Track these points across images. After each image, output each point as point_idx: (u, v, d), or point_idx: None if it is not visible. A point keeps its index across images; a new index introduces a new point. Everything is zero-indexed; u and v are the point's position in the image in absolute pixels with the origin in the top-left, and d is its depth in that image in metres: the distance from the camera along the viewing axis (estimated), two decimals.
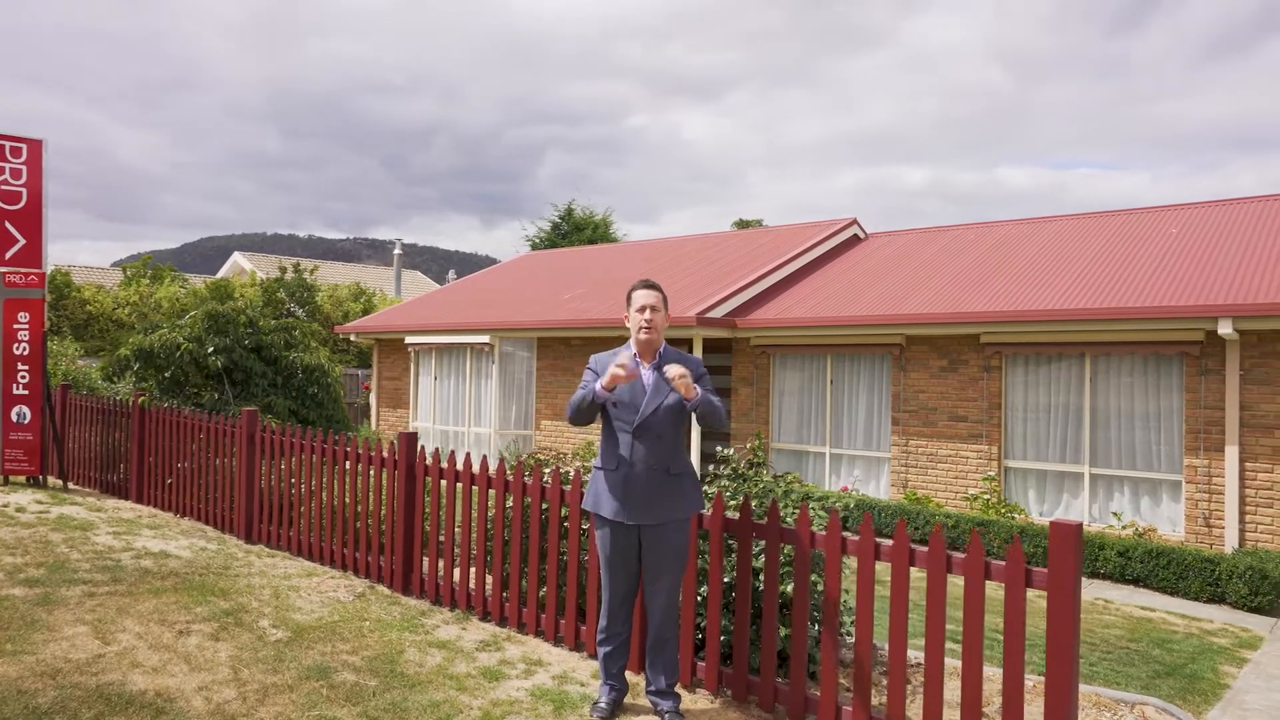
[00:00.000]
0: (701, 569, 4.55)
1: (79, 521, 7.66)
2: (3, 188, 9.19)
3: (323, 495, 6.64)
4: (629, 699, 4.22)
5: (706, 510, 4.48)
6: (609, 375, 3.90)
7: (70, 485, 9.64)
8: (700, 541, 4.55)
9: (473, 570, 5.65)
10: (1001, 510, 10.26)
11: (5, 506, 8.09)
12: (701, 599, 4.55)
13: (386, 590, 5.89)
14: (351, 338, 16.99)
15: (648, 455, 4.00)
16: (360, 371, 19.03)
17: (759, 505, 5.00)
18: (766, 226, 17.16)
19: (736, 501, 4.92)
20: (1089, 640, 6.52)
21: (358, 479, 6.30)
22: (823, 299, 12.50)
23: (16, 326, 9.25)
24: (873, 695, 4.18)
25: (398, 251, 28.29)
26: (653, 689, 4.11)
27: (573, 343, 14.03)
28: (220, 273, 29.01)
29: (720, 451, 5.71)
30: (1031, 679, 4.67)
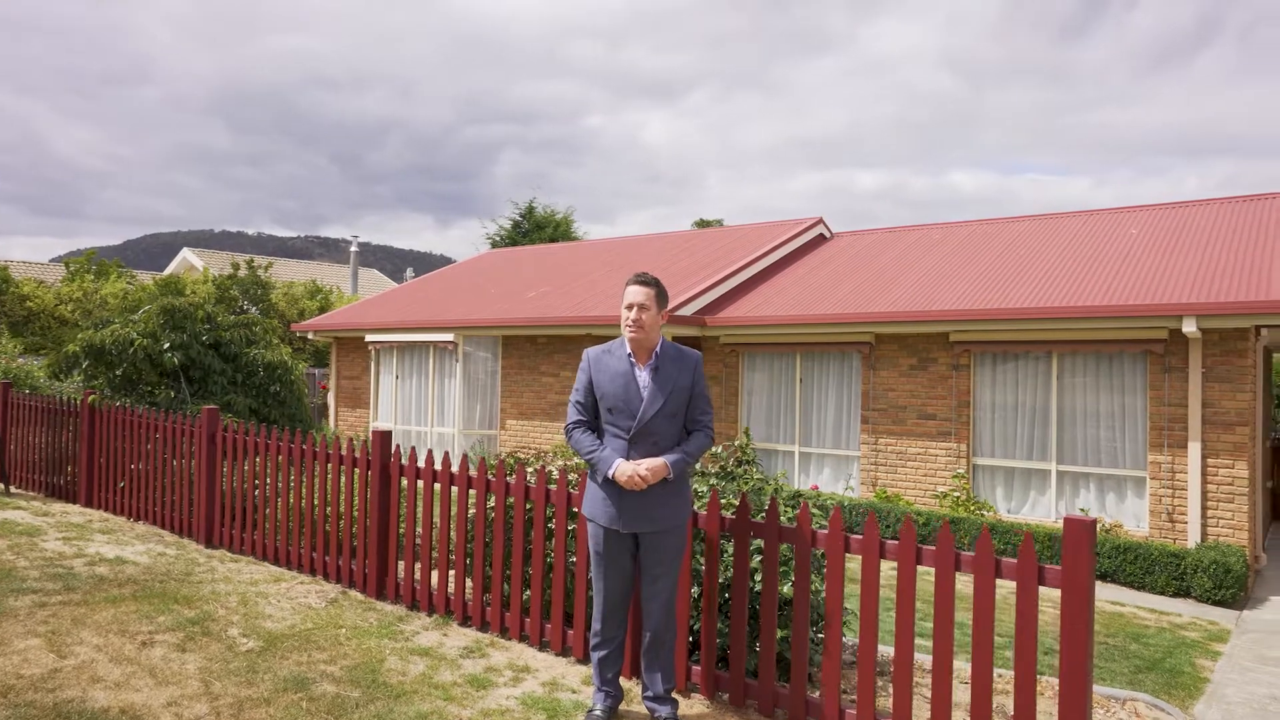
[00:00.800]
0: (695, 570, 4.42)
1: (24, 527, 7.27)
2: None
3: (290, 497, 6.37)
4: (624, 705, 4.08)
5: (701, 510, 4.35)
6: (627, 478, 3.76)
7: (12, 489, 9.17)
8: (695, 541, 4.43)
9: (451, 573, 5.46)
10: (971, 508, 10.33)
11: None
12: (696, 600, 4.42)
13: (360, 595, 5.66)
14: (309, 336, 16.55)
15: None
16: (317, 371, 18.56)
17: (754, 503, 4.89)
18: (733, 225, 17.13)
19: (725, 500, 4.80)
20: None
21: (328, 480, 6.06)
22: (792, 297, 12.49)
23: None
24: (877, 699, 4.10)
25: (354, 249, 27.71)
26: (649, 694, 3.97)
27: (539, 341, 13.81)
28: (168, 270, 28.13)
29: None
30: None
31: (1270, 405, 12.81)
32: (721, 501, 4.59)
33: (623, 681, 4.28)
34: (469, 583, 5.54)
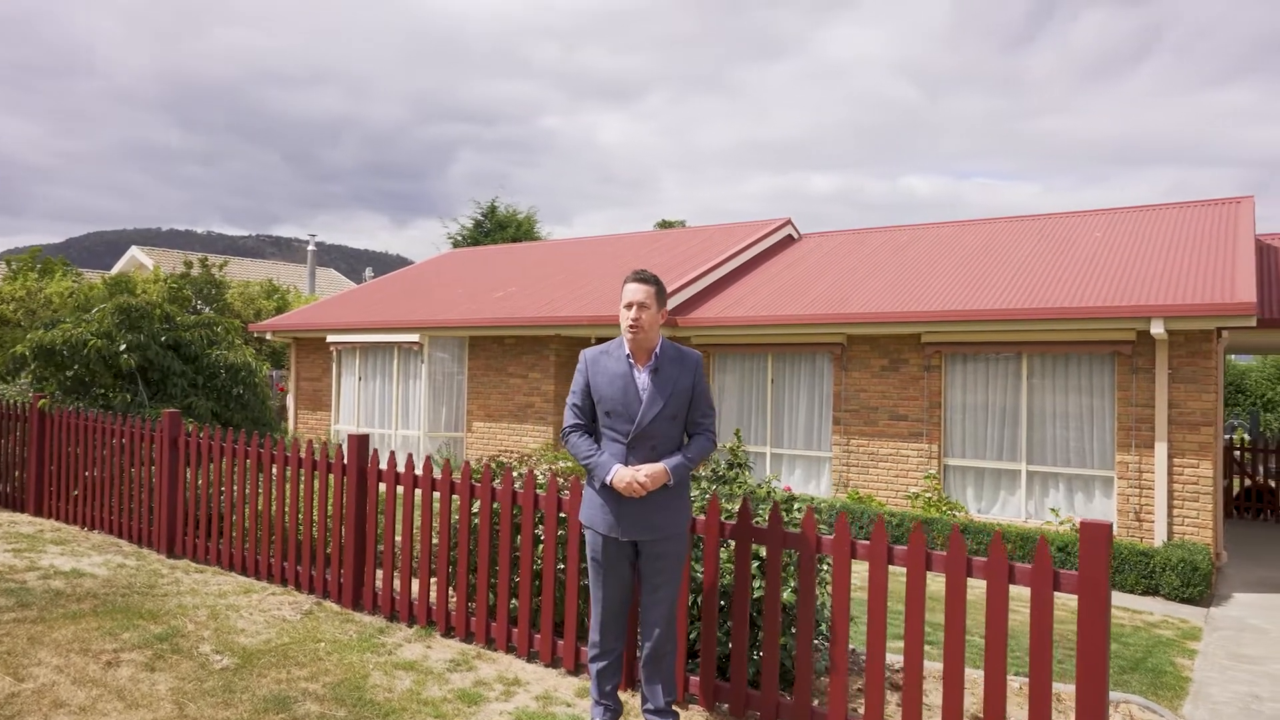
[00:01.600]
0: (693, 576, 4.30)
1: None
2: None
3: (259, 504, 6.11)
4: (623, 719, 3.94)
5: (699, 515, 4.24)
6: (624, 485, 3.64)
7: None
8: (693, 548, 4.31)
9: (433, 582, 5.27)
10: (942, 508, 10.37)
11: None
12: (694, 608, 4.30)
13: (336, 606, 5.44)
14: (267, 336, 16.09)
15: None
16: (275, 372, 18.07)
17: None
18: (702, 226, 17.07)
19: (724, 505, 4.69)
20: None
21: (300, 486, 5.82)
22: (763, 298, 12.45)
23: None
24: (886, 710, 4.02)
25: (312, 248, 27.09)
26: (649, 707, 3.84)
27: (506, 341, 13.60)
28: (116, 268, 27.22)
29: None
30: (1018, 681, 4.61)
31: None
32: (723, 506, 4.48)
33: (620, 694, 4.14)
34: (451, 592, 5.35)
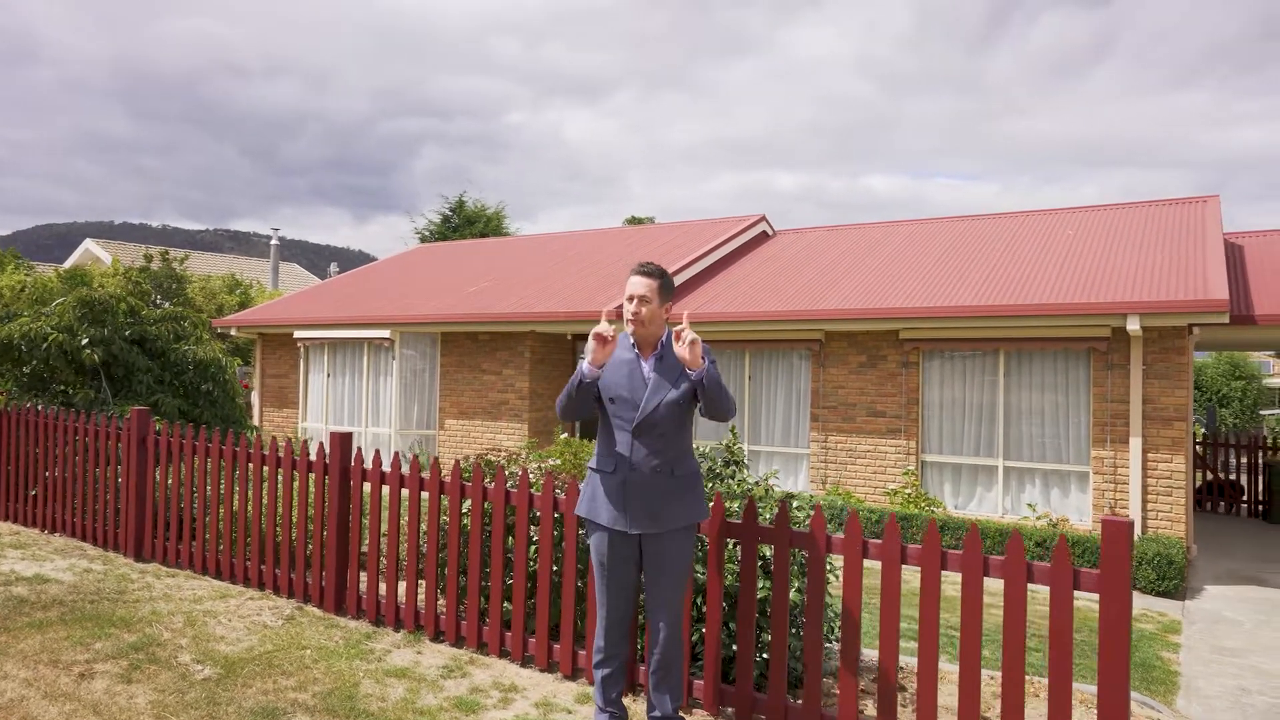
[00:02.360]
0: (696, 579, 4.19)
1: None
2: None
3: (234, 505, 5.88)
4: None
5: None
6: (590, 347, 3.56)
7: None
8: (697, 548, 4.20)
9: (421, 585, 5.10)
10: (921, 504, 10.40)
11: None
12: (695, 609, 4.20)
13: (318, 611, 5.24)
14: (231, 332, 15.68)
15: (650, 456, 3.60)
16: (241, 369, 17.63)
17: (738, 506, 4.69)
18: (676, 222, 16.97)
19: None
20: (1038, 632, 6.57)
21: (279, 486, 5.60)
22: (740, 294, 12.39)
23: None
24: (900, 713, 3.95)
25: (275, 243, 26.50)
26: (656, 715, 3.72)
27: (480, 338, 13.38)
28: (69, 261, 26.39)
29: (695, 448, 5.37)
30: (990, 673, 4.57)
31: None
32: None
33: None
34: (441, 595, 5.18)
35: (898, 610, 3.55)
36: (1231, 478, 14.14)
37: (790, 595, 4.06)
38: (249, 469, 5.81)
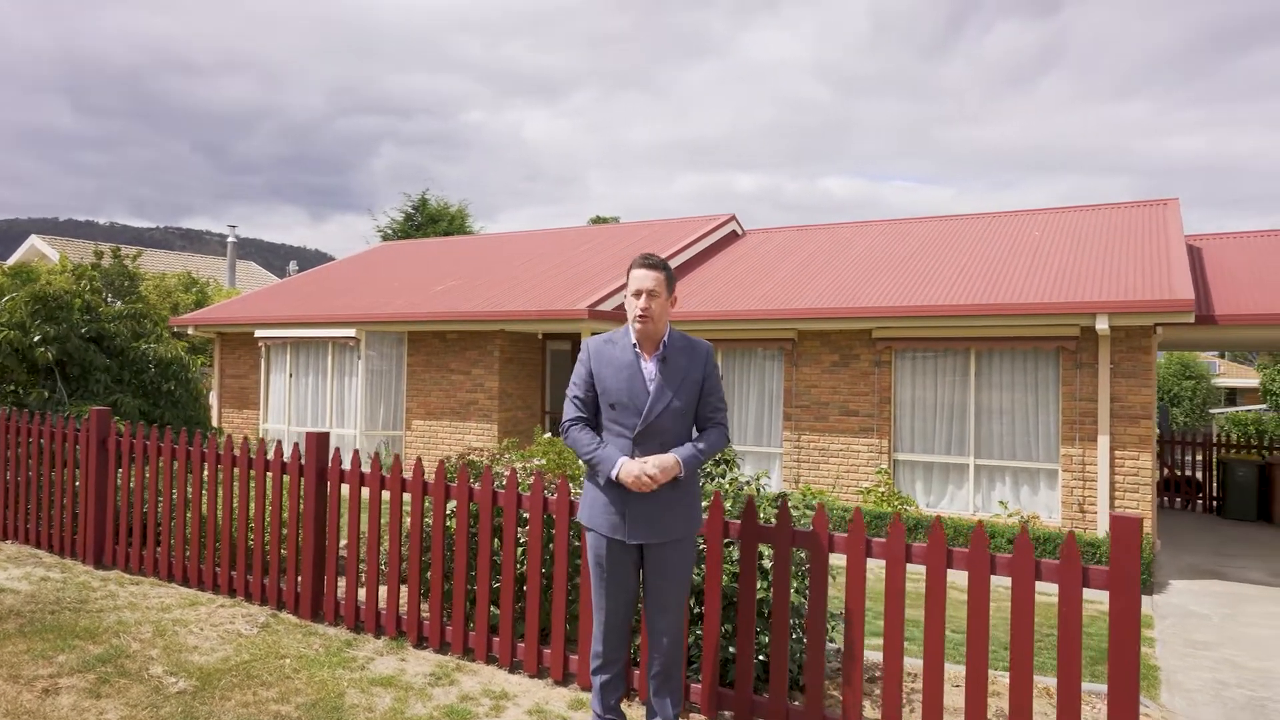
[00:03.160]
0: (694, 581, 4.10)
1: None
2: None
3: (203, 508, 5.65)
4: None
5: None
6: (634, 479, 3.35)
7: None
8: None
9: (404, 589, 4.94)
10: (893, 502, 10.45)
11: None
12: (691, 612, 4.11)
13: (294, 618, 5.05)
14: (189, 330, 15.22)
15: None
16: (201, 367, 17.12)
17: (733, 506, 4.62)
18: (646, 220, 16.89)
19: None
20: (1003, 627, 6.61)
21: (250, 488, 5.40)
22: (713, 293, 12.35)
23: None
24: (905, 716, 3.89)
25: (232, 240, 25.84)
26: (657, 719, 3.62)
27: (448, 337, 13.16)
28: (13, 258, 25.45)
29: None
30: (994, 674, 4.55)
31: None
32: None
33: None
34: (424, 600, 5.03)
35: (902, 610, 3.50)
36: (1187, 474, 14.47)
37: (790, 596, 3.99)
38: (219, 471, 5.59)
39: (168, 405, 8.26)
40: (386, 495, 9.69)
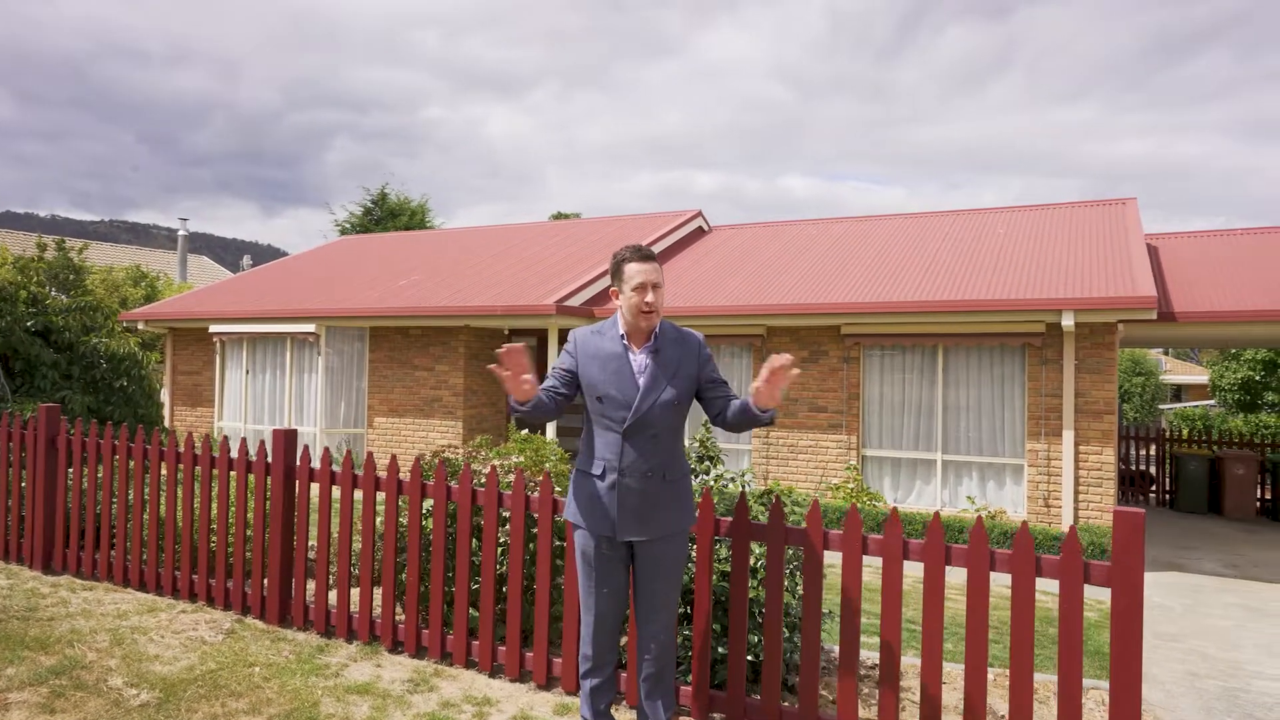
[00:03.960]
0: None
1: None
2: None
3: (161, 510, 5.40)
4: None
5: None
6: (509, 383, 3.13)
7: None
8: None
9: (378, 592, 4.76)
10: (863, 498, 10.47)
11: None
12: (685, 611, 4.00)
13: (261, 624, 4.84)
14: (139, 325, 14.70)
15: (641, 459, 3.34)
16: (155, 364, 16.57)
17: (719, 502, 4.53)
18: (613, 216, 16.75)
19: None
20: (995, 624, 6.62)
21: (213, 488, 5.16)
22: (681, 289, 12.27)
23: None
24: (901, 716, 3.83)
25: (183, 233, 25.10)
26: None
27: (411, 333, 12.89)
28: None
29: None
30: (992, 672, 4.54)
31: None
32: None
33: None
34: (399, 603, 4.85)
35: (899, 608, 3.43)
36: (1140, 469, 14.77)
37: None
38: (179, 470, 5.34)
39: (120, 402, 7.91)
40: (359, 495, 9.43)
